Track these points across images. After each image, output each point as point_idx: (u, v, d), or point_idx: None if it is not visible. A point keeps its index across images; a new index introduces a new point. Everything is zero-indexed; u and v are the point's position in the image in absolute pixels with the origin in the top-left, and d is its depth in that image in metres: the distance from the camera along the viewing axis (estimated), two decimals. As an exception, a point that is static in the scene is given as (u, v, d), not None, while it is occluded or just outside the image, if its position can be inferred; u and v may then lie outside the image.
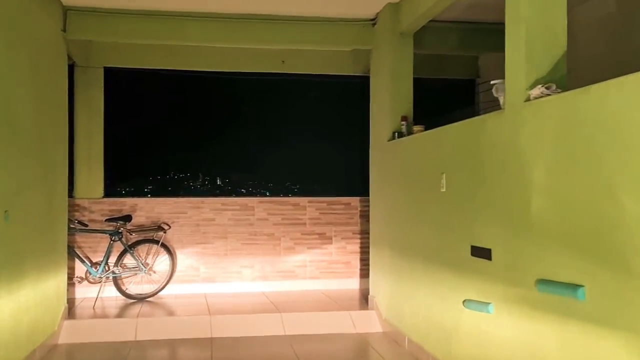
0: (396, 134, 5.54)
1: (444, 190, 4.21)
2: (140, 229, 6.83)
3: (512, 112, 3.29)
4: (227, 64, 7.21)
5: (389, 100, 5.65)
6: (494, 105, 7.06)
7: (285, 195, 7.70)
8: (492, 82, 3.48)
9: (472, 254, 3.75)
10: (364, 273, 7.39)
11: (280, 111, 8.06)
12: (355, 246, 7.43)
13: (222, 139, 8.13)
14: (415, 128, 5.26)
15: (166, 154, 7.87)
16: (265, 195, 7.97)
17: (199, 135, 8.03)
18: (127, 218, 6.62)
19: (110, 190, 7.30)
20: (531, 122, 3.10)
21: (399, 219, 5.28)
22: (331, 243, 7.38)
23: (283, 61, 7.29)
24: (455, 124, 4.08)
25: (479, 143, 3.66)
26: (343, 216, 7.41)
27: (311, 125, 8.13)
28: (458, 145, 4.01)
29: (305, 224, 7.33)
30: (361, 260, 7.42)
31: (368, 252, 7.21)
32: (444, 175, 4.20)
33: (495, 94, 3.48)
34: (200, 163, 8.15)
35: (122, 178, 7.66)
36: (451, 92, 8.03)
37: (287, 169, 8.15)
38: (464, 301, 3.77)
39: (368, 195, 7.23)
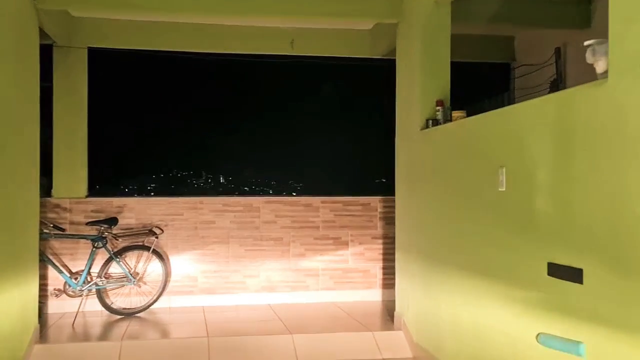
0: (430, 121, 4.64)
1: (503, 189, 3.30)
2: (129, 233, 5.94)
3: (620, 83, 2.36)
4: (229, 45, 6.32)
5: (421, 82, 4.74)
6: (532, 92, 6.18)
7: (295, 194, 6.78)
8: (586, 43, 2.55)
9: (550, 274, 2.83)
10: (386, 283, 6.49)
11: (288, 99, 7.14)
12: (375, 252, 6.52)
13: (224, 131, 7.22)
14: (455, 114, 4.35)
15: (161, 147, 6.94)
16: (272, 195, 7.05)
17: (199, 127, 7.11)
18: (113, 221, 5.72)
19: (95, 189, 6.42)
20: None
21: (436, 224, 4.37)
22: (347, 249, 6.47)
23: (292, 41, 6.40)
24: (524, 103, 3.17)
25: (563, 126, 2.74)
26: (361, 218, 6.50)
27: (324, 115, 7.22)
28: (527, 131, 3.09)
29: (318, 227, 6.43)
30: (382, 268, 6.51)
31: (390, 260, 6.36)
32: (504, 169, 3.29)
33: (590, 59, 2.55)
34: (199, 158, 7.24)
35: (109, 175, 6.75)
36: (480, 77, 7.11)
37: (296, 165, 7.23)
38: (537, 335, 2.85)
39: (390, 194, 6.39)
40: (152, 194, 6.31)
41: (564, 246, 2.73)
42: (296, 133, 7.18)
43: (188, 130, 6.97)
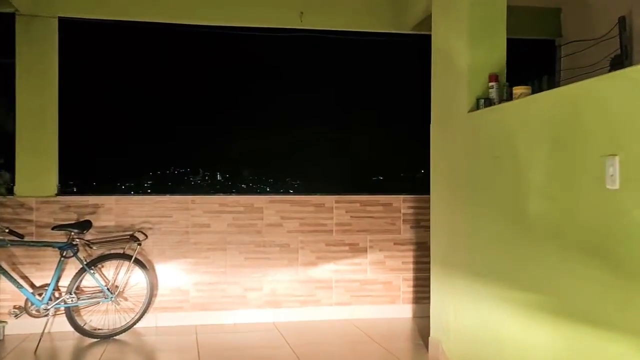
0: (482, 101, 3.66)
1: (615, 187, 2.32)
2: (106, 239, 4.96)
3: None
4: (227, 17, 5.35)
5: (469, 52, 3.76)
6: (583, 73, 5.19)
7: (304, 192, 5.79)
8: None
9: None
10: (411, 297, 5.53)
11: (295, 81, 6.13)
12: (397, 261, 5.55)
13: (221, 119, 6.22)
14: (518, 89, 3.40)
15: (146, 137, 5.93)
16: (277, 193, 6.07)
17: (191, 114, 6.11)
18: (85, 224, 4.74)
19: (68, 185, 5.43)
20: None
21: (494, 233, 3.39)
22: (366, 257, 5.50)
23: (301, 13, 5.43)
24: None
25: None
26: (382, 220, 5.53)
27: (337, 99, 6.22)
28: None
29: (331, 231, 5.46)
30: (407, 280, 5.54)
31: (415, 270, 5.44)
32: (617, 159, 2.31)
33: None
34: (192, 151, 6.23)
35: (84, 169, 5.73)
36: (519, 57, 6.11)
37: (303, 158, 6.23)
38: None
39: (417, 193, 5.46)
40: (132, 192, 5.30)
41: None
42: (304, 121, 6.17)
43: (178, 116, 5.96)
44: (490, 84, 3.66)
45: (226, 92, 6.10)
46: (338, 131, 6.23)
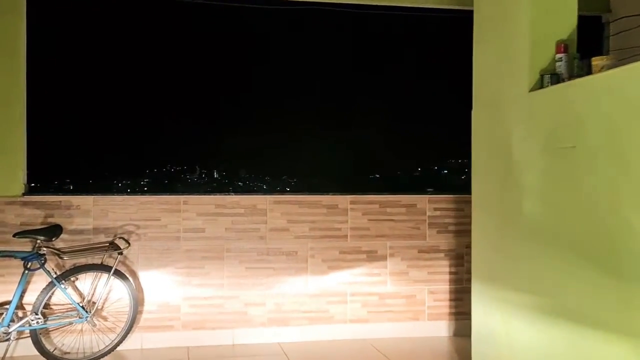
0: (547, 77, 2.91)
1: None
2: (80, 247, 4.19)
3: None
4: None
5: (529, 16, 3.00)
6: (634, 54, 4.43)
7: (313, 191, 5.01)
8: None
9: None
10: (438, 314, 4.78)
11: (305, 61, 5.35)
12: (422, 271, 4.79)
13: (218, 107, 5.45)
14: (598, 61, 2.66)
15: (131, 129, 5.13)
16: (284, 192, 5.29)
17: (185, 101, 5.33)
18: (54, 230, 3.98)
19: (38, 183, 4.66)
20: None
21: (566, 243, 2.63)
22: (385, 266, 4.75)
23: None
24: None
25: None
26: (404, 224, 4.78)
27: (352, 86, 5.45)
28: None
29: (345, 236, 4.71)
30: (433, 293, 4.79)
31: (443, 281, 4.70)
32: None
33: None
34: (184, 145, 5.45)
35: (57, 165, 4.93)
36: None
37: (314, 153, 5.45)
38: None
39: (443, 192, 4.75)
40: (115, 191, 4.50)
41: None
42: (315, 111, 5.40)
43: (168, 103, 5.18)
44: (558, 55, 2.91)
45: (223, 73, 5.32)
46: (348, 122, 5.48)
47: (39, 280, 4.05)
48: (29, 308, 3.96)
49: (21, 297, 3.91)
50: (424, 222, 4.80)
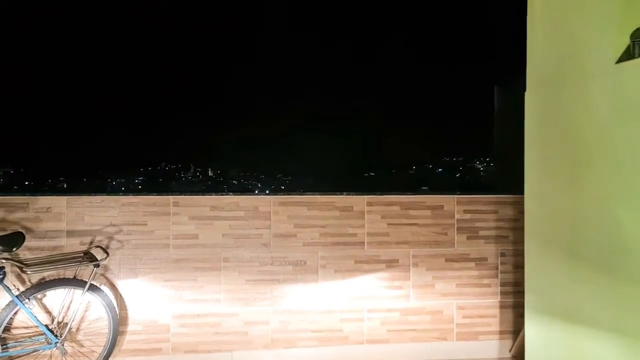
0: (637, 44, 2.27)
1: None
2: (49, 259, 3.51)
3: None
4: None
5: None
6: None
7: (323, 191, 4.35)
8: None
9: None
10: (468, 332, 4.14)
11: (307, 46, 4.70)
12: (451, 283, 4.15)
13: (209, 99, 4.79)
14: None
15: (108, 121, 4.45)
16: (288, 192, 4.61)
17: (173, 91, 4.67)
18: (14, 239, 3.30)
19: (4, 183, 3.98)
20: None
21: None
22: (408, 278, 4.10)
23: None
24: None
25: None
26: (429, 229, 4.13)
27: (352, 83, 4.81)
28: None
29: (362, 243, 4.05)
30: (462, 309, 4.15)
31: (474, 295, 4.07)
32: None
33: None
34: (173, 139, 4.78)
35: (25, 163, 4.24)
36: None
37: (322, 147, 4.79)
38: None
39: (476, 191, 4.12)
40: (93, 193, 3.81)
41: None
42: (318, 101, 4.75)
43: (153, 93, 4.51)
44: (653, 17, 2.28)
45: (213, 64, 4.67)
46: (360, 113, 4.83)
47: (-1, 298, 3.39)
48: (-15, 332, 3.29)
49: (-25, 319, 3.23)
50: (452, 226, 4.15)
